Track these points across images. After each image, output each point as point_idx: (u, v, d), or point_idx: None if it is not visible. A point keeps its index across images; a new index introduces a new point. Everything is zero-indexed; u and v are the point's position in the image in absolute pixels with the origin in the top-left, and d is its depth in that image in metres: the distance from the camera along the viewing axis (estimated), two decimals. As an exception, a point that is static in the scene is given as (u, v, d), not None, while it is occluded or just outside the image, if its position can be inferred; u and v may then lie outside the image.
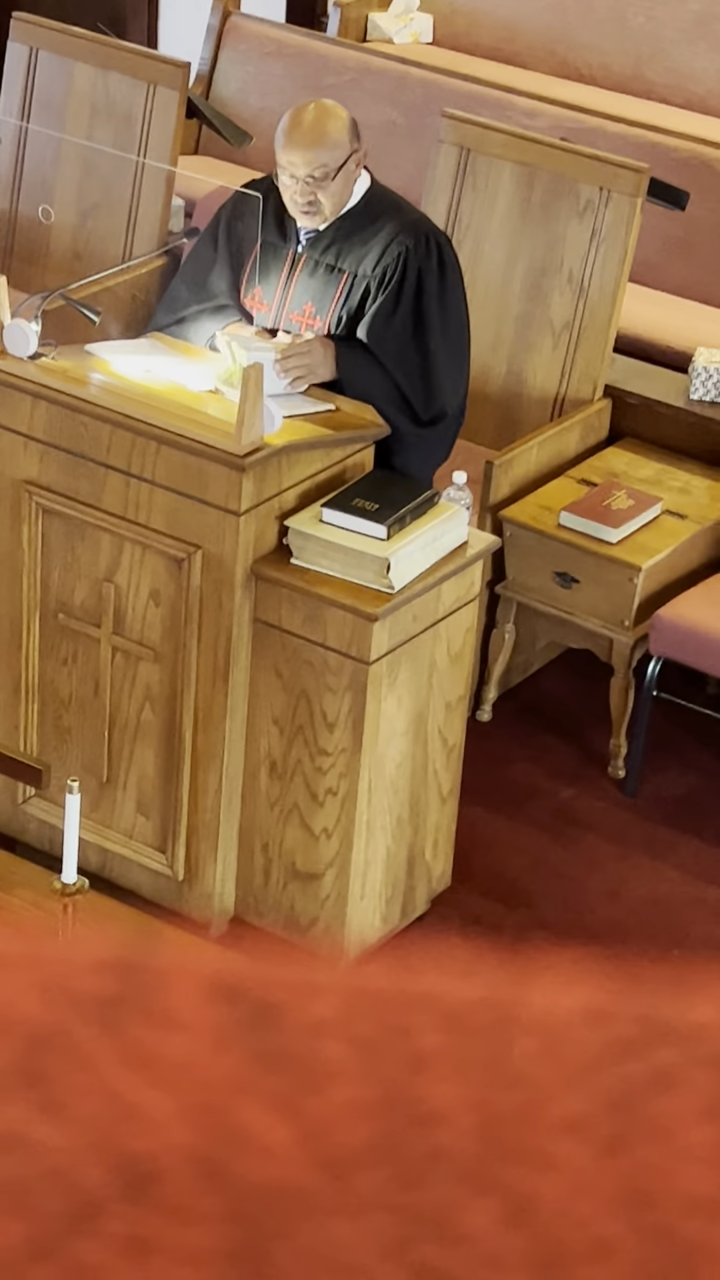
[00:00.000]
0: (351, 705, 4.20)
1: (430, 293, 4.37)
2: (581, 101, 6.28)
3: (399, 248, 4.37)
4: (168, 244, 5.42)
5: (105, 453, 4.26)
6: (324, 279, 4.44)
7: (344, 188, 4.36)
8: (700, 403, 5.37)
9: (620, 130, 5.99)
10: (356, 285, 4.41)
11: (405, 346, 4.38)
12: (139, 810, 4.47)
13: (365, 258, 4.40)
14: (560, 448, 5.24)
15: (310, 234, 4.44)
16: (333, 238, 4.42)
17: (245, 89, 6.48)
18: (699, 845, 4.90)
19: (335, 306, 4.44)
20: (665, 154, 5.88)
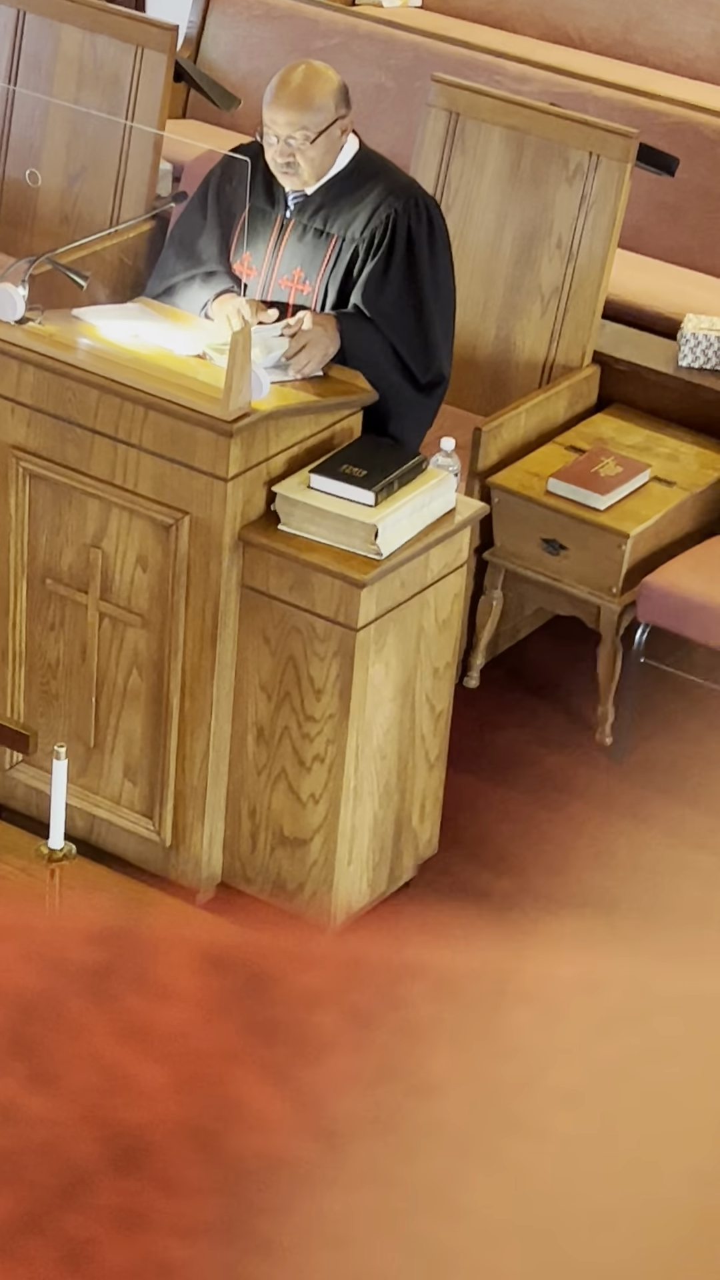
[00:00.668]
0: (339, 671, 4.20)
1: (421, 254, 4.36)
2: (571, 66, 6.25)
3: (388, 210, 4.35)
4: (155, 208, 5.39)
5: (93, 418, 4.25)
6: (313, 243, 4.42)
7: (325, 153, 4.34)
8: (689, 369, 5.36)
9: (609, 95, 5.97)
10: (345, 248, 4.39)
11: (401, 308, 4.36)
12: (126, 776, 4.47)
13: (354, 221, 4.38)
14: (549, 414, 5.23)
15: (298, 198, 4.42)
16: (321, 201, 4.40)
17: (233, 52, 6.45)
18: (686, 811, 4.91)
19: (324, 270, 4.42)
20: (654, 119, 5.86)
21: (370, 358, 4.35)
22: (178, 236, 4.62)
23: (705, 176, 5.81)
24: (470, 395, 5.33)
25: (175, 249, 4.61)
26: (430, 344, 4.39)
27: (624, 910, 4.61)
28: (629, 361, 5.38)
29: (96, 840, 4.53)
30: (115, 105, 5.53)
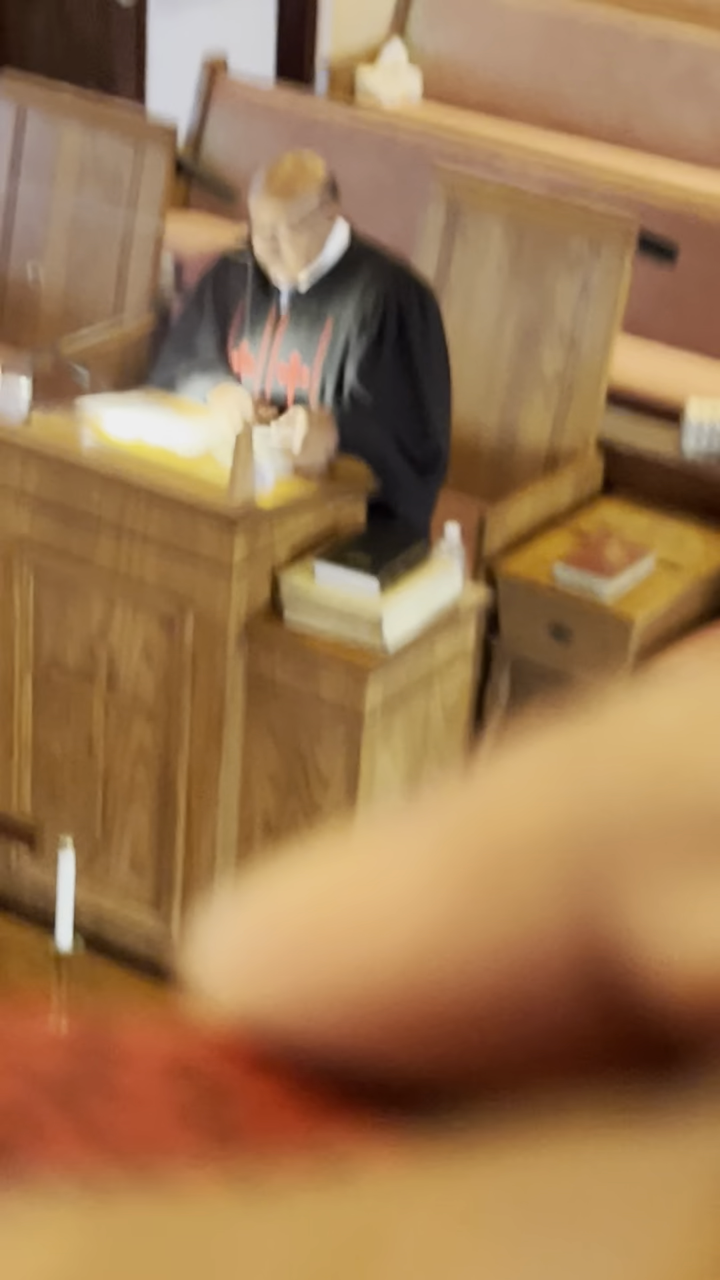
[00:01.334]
0: (346, 761, 4.17)
1: (414, 331, 4.37)
2: (571, 155, 6.30)
3: (379, 290, 4.37)
4: (158, 301, 5.42)
5: (97, 510, 4.24)
6: (308, 329, 4.43)
7: (310, 242, 4.35)
8: (693, 454, 5.36)
9: (609, 183, 6.00)
10: (340, 332, 4.41)
11: (395, 385, 4.36)
12: (133, 869, 4.44)
13: (347, 304, 4.39)
14: (553, 500, 5.23)
15: (291, 287, 4.44)
16: (314, 289, 4.42)
17: (234, 147, 6.49)
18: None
19: (321, 356, 4.43)
20: (655, 207, 5.90)
21: (368, 444, 4.35)
22: (176, 331, 4.64)
23: (706, 263, 5.84)
24: (474, 482, 5.33)
25: (173, 344, 4.63)
26: (426, 422, 4.39)
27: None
28: (633, 447, 5.39)
29: (104, 934, 4.50)
30: (117, 200, 5.57)
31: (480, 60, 7.04)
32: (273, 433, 4.31)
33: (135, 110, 5.77)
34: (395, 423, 4.37)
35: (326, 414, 4.34)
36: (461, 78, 7.08)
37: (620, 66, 6.84)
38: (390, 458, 4.37)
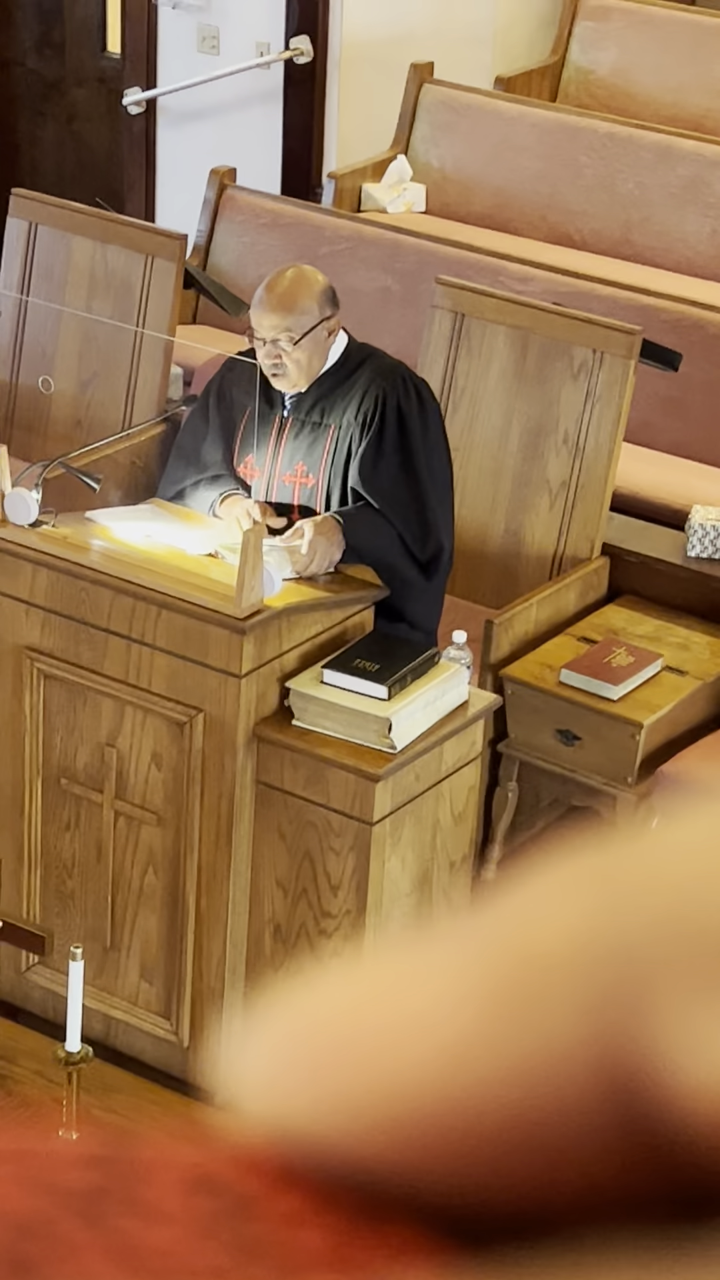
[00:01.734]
0: (355, 866, 4.18)
1: (413, 430, 4.42)
2: (573, 266, 6.37)
3: (377, 391, 4.42)
4: (167, 411, 5.47)
5: (106, 618, 4.28)
6: (311, 436, 4.48)
7: (312, 354, 4.41)
8: (698, 559, 5.39)
9: (612, 293, 6.07)
10: (342, 437, 4.46)
11: (395, 484, 4.41)
12: (143, 976, 4.44)
13: (347, 408, 4.45)
14: (559, 605, 5.26)
15: (294, 397, 4.49)
16: (316, 396, 4.47)
17: (242, 259, 6.57)
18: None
19: (325, 462, 4.48)
20: (657, 316, 5.96)
21: (376, 548, 4.39)
22: (182, 443, 4.69)
23: (708, 371, 5.90)
24: (481, 588, 5.36)
25: (180, 456, 4.68)
26: (428, 520, 4.43)
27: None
28: (638, 553, 5.42)
29: (113, 1042, 4.49)
30: (126, 312, 5.64)
31: (483, 173, 7.14)
32: (279, 548, 4.35)
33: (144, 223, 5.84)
34: (399, 523, 4.41)
35: (333, 522, 4.38)
36: (465, 190, 7.17)
37: (621, 178, 6.93)
38: (396, 560, 4.41)
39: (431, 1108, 0.30)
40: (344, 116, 7.60)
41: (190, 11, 7.66)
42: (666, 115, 7.44)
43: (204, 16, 7.64)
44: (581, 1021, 0.29)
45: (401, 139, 7.24)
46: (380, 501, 4.40)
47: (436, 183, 7.20)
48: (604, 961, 0.29)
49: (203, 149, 7.62)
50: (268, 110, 7.65)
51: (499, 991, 0.30)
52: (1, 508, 4.41)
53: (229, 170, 6.67)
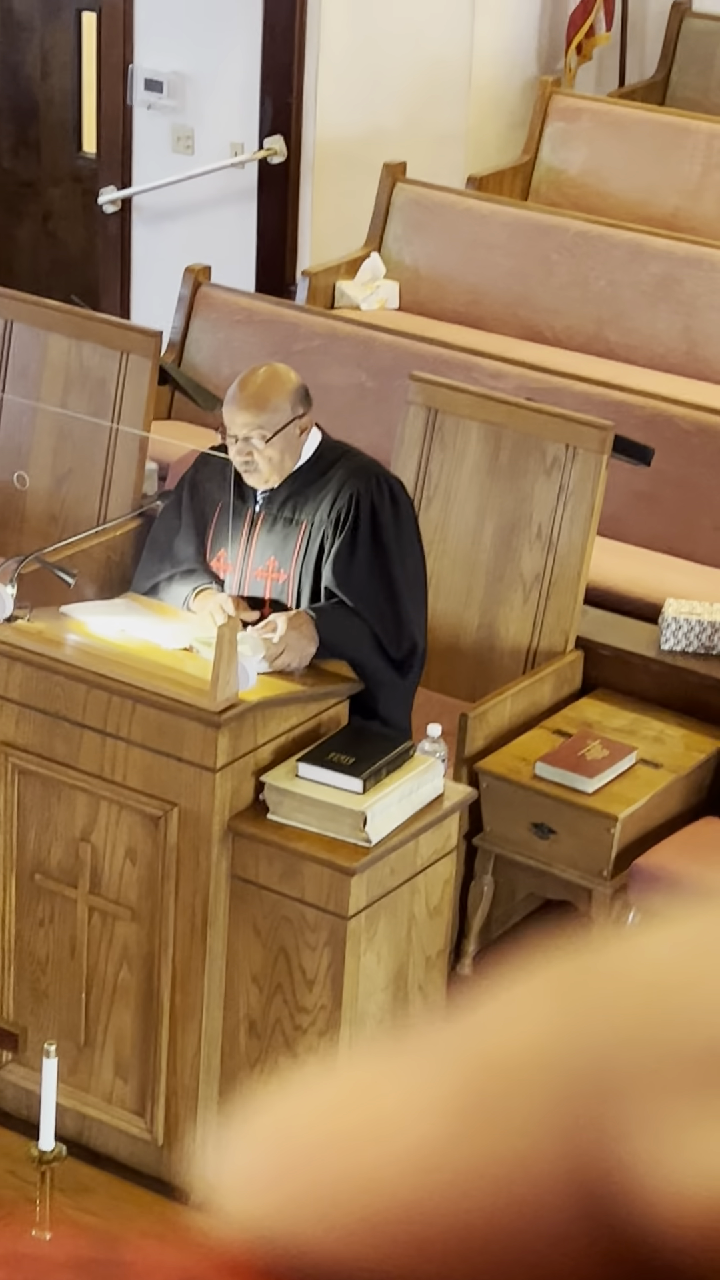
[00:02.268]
0: (330, 961, 4.17)
1: (386, 530, 4.43)
2: (546, 362, 6.42)
3: (350, 490, 4.44)
4: (141, 506, 5.49)
5: (81, 712, 4.27)
6: (283, 532, 4.50)
7: (283, 452, 4.43)
8: (671, 653, 5.41)
9: (584, 389, 6.11)
10: (315, 534, 4.47)
11: (369, 583, 4.42)
12: (117, 1073, 4.41)
13: (320, 506, 4.47)
14: (534, 699, 5.27)
15: (266, 492, 4.51)
16: (288, 492, 4.49)
17: (216, 355, 6.62)
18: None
19: (297, 558, 4.49)
20: (629, 411, 6.00)
21: (350, 644, 4.40)
22: (156, 537, 4.71)
23: (680, 466, 5.94)
24: (456, 682, 5.37)
25: (154, 550, 4.69)
26: (401, 618, 4.44)
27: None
28: (612, 646, 5.44)
29: (88, 1141, 4.45)
30: (101, 408, 5.67)
31: (456, 271, 7.20)
32: (252, 636, 4.36)
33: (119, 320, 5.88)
34: (372, 621, 4.42)
35: (306, 617, 4.39)
36: (438, 288, 7.23)
37: (593, 275, 7.00)
38: (368, 658, 4.42)
39: (404, 1211, 0.30)
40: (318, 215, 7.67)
41: (165, 112, 7.74)
42: (637, 214, 7.53)
43: (179, 117, 7.73)
44: (550, 1133, 0.29)
45: (375, 237, 7.30)
46: (354, 600, 4.41)
47: (410, 280, 7.26)
48: (573, 1073, 0.29)
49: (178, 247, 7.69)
50: (242, 209, 7.72)
51: (468, 1099, 0.30)
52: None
53: (204, 268, 6.72)
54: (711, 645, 5.39)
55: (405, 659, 4.47)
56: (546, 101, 7.77)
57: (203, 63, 7.62)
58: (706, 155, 7.51)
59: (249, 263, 7.70)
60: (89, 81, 8.11)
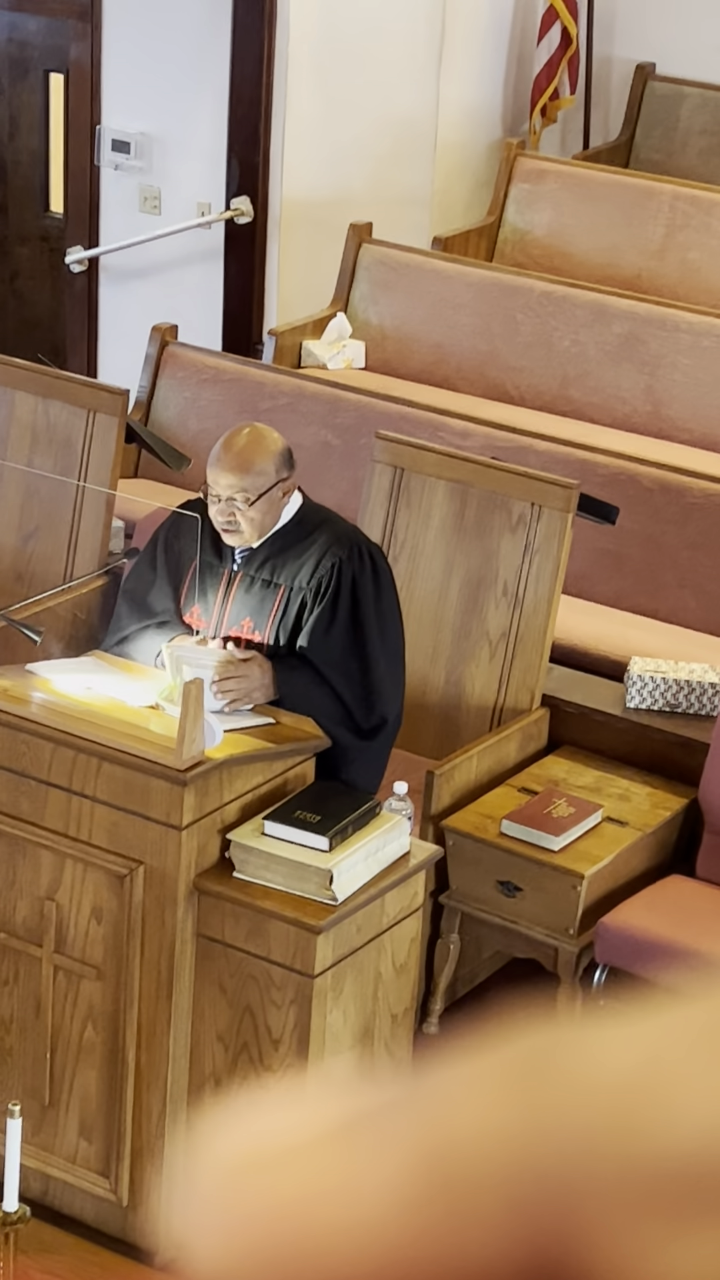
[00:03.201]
0: (296, 1019, 4.15)
1: (366, 601, 4.44)
2: (511, 421, 6.45)
3: (332, 559, 4.44)
4: (108, 564, 5.50)
5: (47, 770, 4.26)
6: (260, 594, 4.50)
7: (266, 514, 4.44)
8: (636, 710, 5.42)
9: (549, 448, 6.14)
10: (293, 598, 4.47)
11: (345, 655, 4.43)
12: (81, 1134, 4.39)
13: (300, 571, 4.47)
14: (500, 756, 5.27)
15: (245, 552, 4.51)
16: (267, 554, 4.50)
17: (183, 414, 6.63)
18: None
19: (273, 620, 4.50)
20: (594, 470, 6.03)
21: (309, 704, 4.39)
22: (129, 591, 4.70)
23: (645, 524, 5.97)
24: (422, 739, 5.37)
25: (128, 603, 4.69)
26: (374, 690, 4.44)
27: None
28: (578, 704, 5.45)
29: (51, 1202, 4.42)
30: (68, 466, 5.68)
31: (421, 330, 7.24)
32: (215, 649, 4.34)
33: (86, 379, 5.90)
34: (344, 691, 4.41)
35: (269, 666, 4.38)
36: (403, 347, 7.27)
37: (558, 335, 7.04)
38: (332, 720, 4.41)
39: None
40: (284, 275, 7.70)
41: (132, 173, 7.78)
42: (601, 275, 7.58)
43: (145, 178, 7.76)
44: (510, 1234, 0.29)
45: (341, 297, 7.34)
46: (328, 670, 4.41)
47: (376, 339, 7.29)
48: (535, 1174, 0.29)
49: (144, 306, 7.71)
50: (209, 268, 7.75)
51: (427, 1184, 0.30)
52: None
53: (170, 327, 6.75)
54: (677, 703, 5.41)
55: (374, 730, 4.47)
56: (511, 163, 7.83)
57: (170, 123, 7.66)
58: (670, 217, 7.58)
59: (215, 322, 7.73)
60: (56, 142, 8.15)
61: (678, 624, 5.89)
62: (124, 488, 6.00)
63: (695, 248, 7.53)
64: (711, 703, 5.38)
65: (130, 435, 5.70)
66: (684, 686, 5.39)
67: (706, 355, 6.80)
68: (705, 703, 5.38)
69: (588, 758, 5.40)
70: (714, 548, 5.87)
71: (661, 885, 5.04)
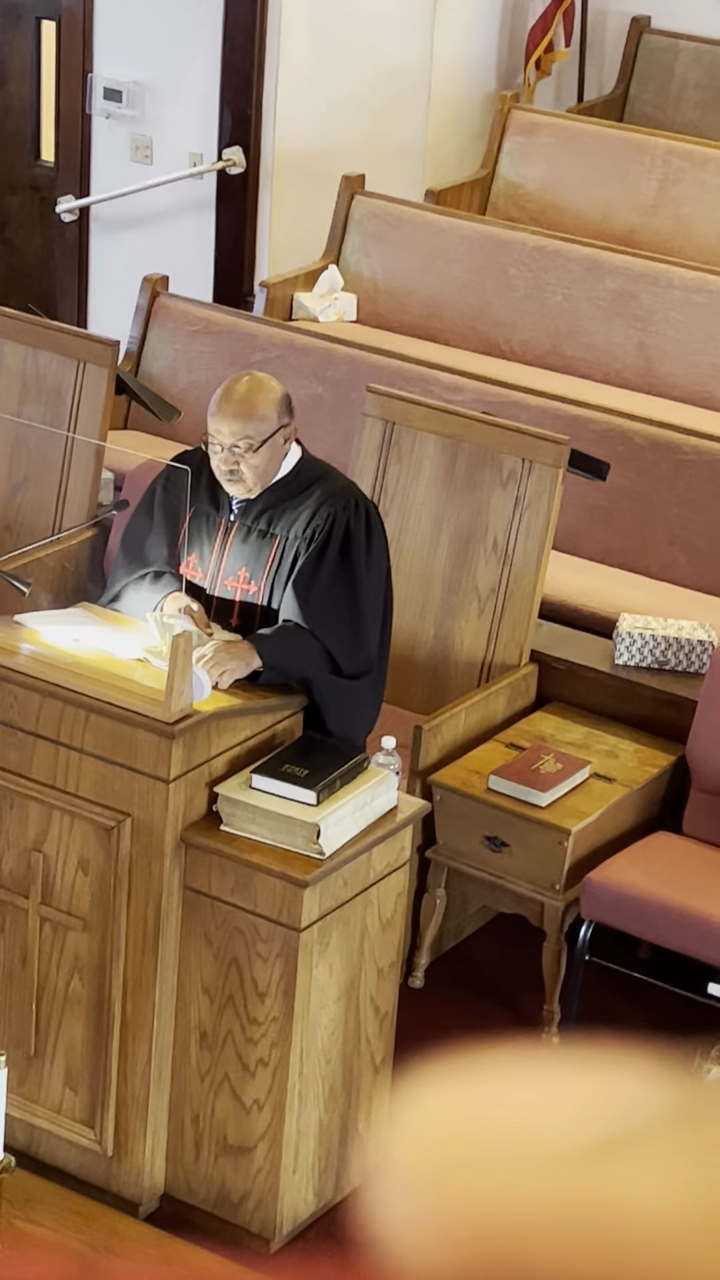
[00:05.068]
0: (282, 973, 4.16)
1: (358, 549, 4.43)
2: (502, 376, 6.43)
3: (329, 510, 4.43)
4: (97, 516, 5.48)
5: (34, 722, 4.26)
6: (257, 544, 4.49)
7: (268, 461, 4.43)
8: (625, 667, 5.43)
9: (541, 403, 6.13)
10: (288, 548, 4.46)
11: (331, 599, 4.41)
12: (67, 1084, 4.40)
13: (296, 521, 4.46)
14: (488, 712, 5.28)
15: (242, 502, 4.50)
16: (265, 504, 4.48)
17: (173, 365, 6.61)
18: (635, 1112, 4.84)
19: (269, 570, 4.48)
20: (585, 426, 6.02)
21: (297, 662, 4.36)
22: (127, 541, 4.68)
23: (635, 481, 5.96)
24: (410, 694, 5.37)
25: (124, 553, 4.67)
26: (360, 637, 4.42)
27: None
28: (566, 660, 5.45)
29: (37, 1152, 4.43)
30: (58, 417, 5.66)
31: (413, 284, 7.21)
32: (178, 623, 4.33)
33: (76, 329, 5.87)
34: (325, 639, 4.39)
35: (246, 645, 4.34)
36: (395, 300, 7.24)
37: (550, 290, 7.01)
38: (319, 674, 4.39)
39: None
40: (276, 226, 7.67)
41: (124, 122, 7.73)
42: (594, 229, 7.55)
43: (137, 127, 7.72)
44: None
45: (333, 249, 7.31)
46: (312, 614, 4.40)
47: (367, 292, 7.27)
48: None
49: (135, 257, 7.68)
50: (200, 219, 7.71)
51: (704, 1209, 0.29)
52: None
53: (161, 278, 6.72)
54: (665, 660, 5.41)
55: (359, 675, 4.45)
56: (505, 116, 7.79)
57: (162, 72, 7.62)
58: (664, 171, 7.55)
59: (207, 273, 7.70)
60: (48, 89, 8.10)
61: (667, 581, 5.89)
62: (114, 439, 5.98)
63: (689, 203, 7.50)
64: (700, 660, 5.38)
65: (120, 386, 5.67)
66: (672, 643, 5.39)
67: (699, 311, 6.78)
68: (693, 660, 5.38)
69: (576, 714, 5.40)
70: (704, 505, 5.87)
71: (648, 841, 5.05)
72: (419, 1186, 0.33)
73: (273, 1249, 4.30)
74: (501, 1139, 0.34)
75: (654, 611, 5.63)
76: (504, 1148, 0.33)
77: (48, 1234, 3.98)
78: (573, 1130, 0.31)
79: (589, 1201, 0.31)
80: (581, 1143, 0.31)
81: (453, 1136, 0.34)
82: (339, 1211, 4.46)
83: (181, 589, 4.51)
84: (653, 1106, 0.29)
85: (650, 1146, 0.31)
